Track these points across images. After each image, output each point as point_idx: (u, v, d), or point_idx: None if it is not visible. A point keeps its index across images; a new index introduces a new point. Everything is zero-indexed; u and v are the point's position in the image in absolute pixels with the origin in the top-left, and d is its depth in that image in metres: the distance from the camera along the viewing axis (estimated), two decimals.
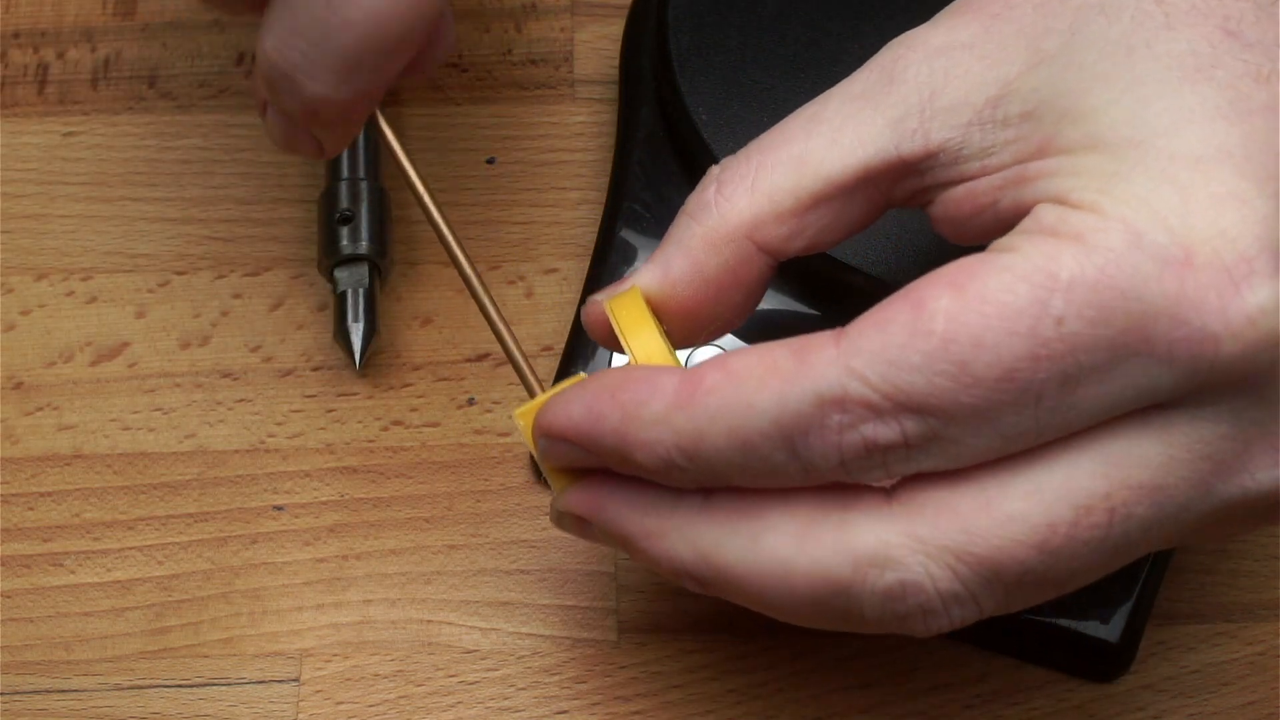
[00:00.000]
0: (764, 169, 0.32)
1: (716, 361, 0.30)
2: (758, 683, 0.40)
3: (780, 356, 0.29)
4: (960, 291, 0.28)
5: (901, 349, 0.28)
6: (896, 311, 0.28)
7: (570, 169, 0.47)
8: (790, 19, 0.42)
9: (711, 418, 0.29)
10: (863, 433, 0.28)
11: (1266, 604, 0.41)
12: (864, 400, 0.28)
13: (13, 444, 0.43)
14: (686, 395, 0.30)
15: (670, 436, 0.30)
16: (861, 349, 0.28)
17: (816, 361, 0.28)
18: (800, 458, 0.29)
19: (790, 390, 0.28)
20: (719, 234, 0.33)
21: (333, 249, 0.44)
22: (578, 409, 0.31)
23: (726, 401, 0.29)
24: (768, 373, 0.29)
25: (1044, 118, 0.30)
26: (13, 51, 0.49)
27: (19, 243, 0.46)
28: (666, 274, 0.33)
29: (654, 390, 0.30)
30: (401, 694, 0.40)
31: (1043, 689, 0.40)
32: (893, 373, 0.28)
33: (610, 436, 0.31)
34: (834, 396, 0.28)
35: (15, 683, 0.40)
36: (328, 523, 0.42)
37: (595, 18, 0.49)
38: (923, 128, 0.31)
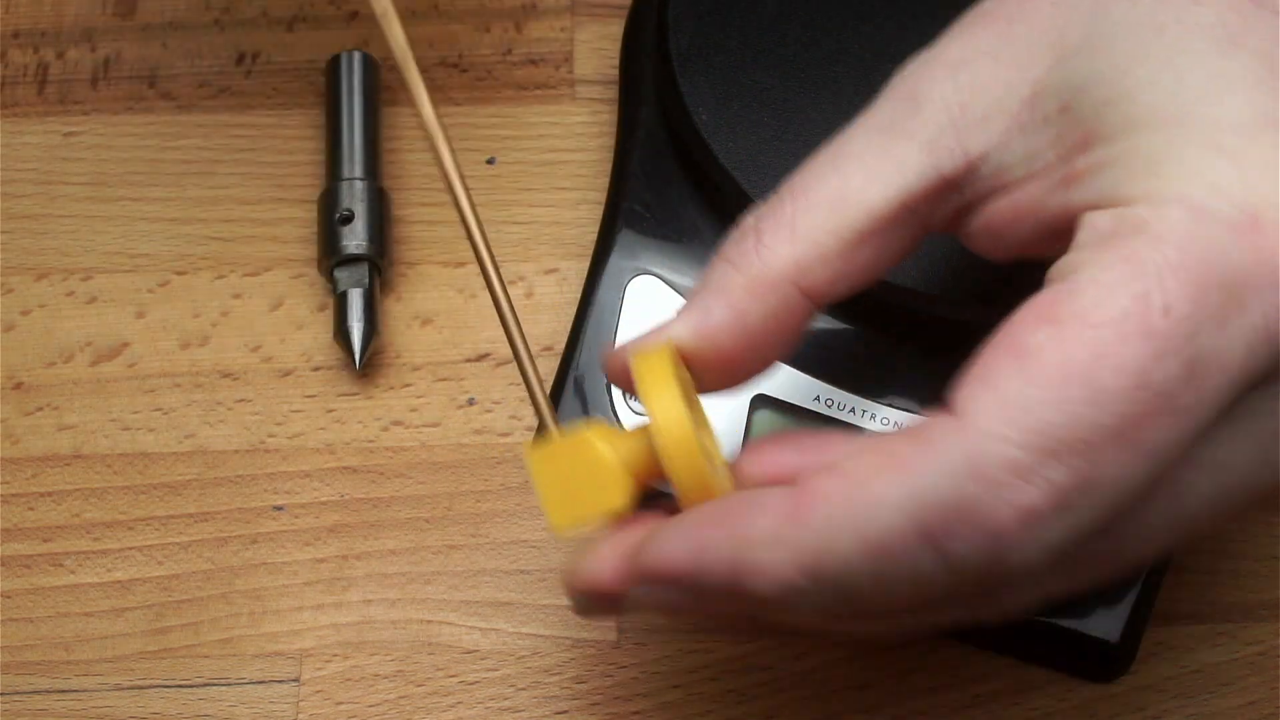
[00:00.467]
0: (802, 212, 0.31)
1: (825, 468, 0.27)
2: (758, 683, 0.40)
3: (896, 445, 0.27)
4: (1055, 321, 0.26)
5: (1023, 393, 0.26)
6: (1001, 365, 0.26)
7: (570, 169, 0.47)
8: (790, 19, 0.42)
9: (833, 524, 0.27)
10: (1014, 504, 0.26)
11: (1266, 604, 0.41)
12: (1005, 461, 0.26)
13: (13, 444, 0.43)
14: (799, 506, 0.27)
15: (789, 555, 0.27)
16: (983, 411, 0.26)
17: (939, 438, 0.26)
18: (945, 552, 0.26)
19: (920, 477, 0.26)
20: (763, 282, 0.31)
21: (333, 249, 0.44)
22: (680, 546, 0.28)
23: (848, 505, 0.27)
24: (887, 464, 0.27)
25: (1082, 108, 0.29)
26: (13, 51, 0.49)
27: (19, 243, 0.46)
28: (705, 322, 0.31)
29: (763, 509, 0.28)
30: (401, 694, 0.40)
31: (1043, 689, 0.40)
32: (1026, 418, 0.26)
33: (721, 570, 0.28)
34: (971, 468, 0.26)
35: (15, 683, 0.40)
36: (328, 523, 0.42)
37: (595, 18, 0.49)
38: (960, 144, 0.30)
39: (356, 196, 0.44)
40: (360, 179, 0.45)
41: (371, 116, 0.46)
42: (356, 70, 0.46)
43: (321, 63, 0.48)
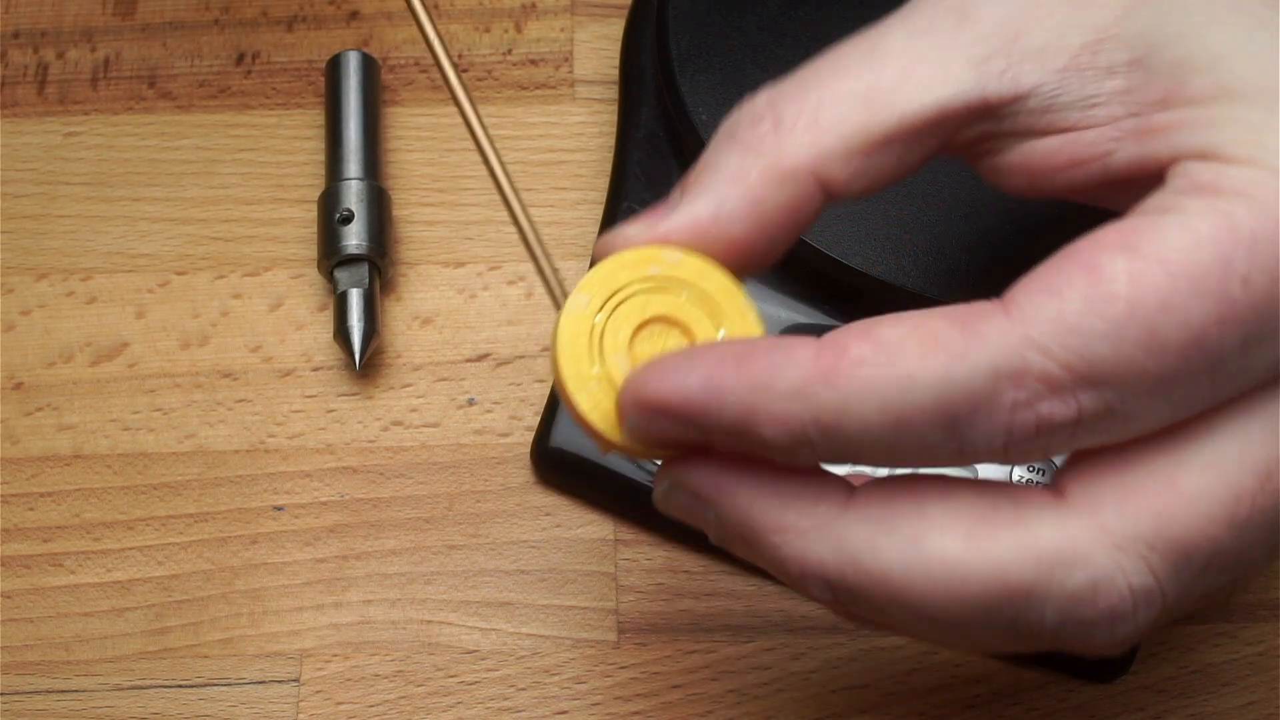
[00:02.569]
0: (829, 103, 0.29)
1: (858, 331, 0.27)
2: (758, 683, 0.40)
3: (941, 327, 0.26)
4: (1137, 253, 0.26)
5: (1083, 316, 0.25)
6: (1069, 276, 0.26)
7: (570, 169, 0.47)
8: (790, 19, 0.42)
9: (861, 392, 0.26)
10: (1038, 410, 0.26)
11: (1266, 604, 0.41)
12: (1044, 374, 0.25)
13: (13, 444, 0.43)
14: (830, 366, 0.26)
15: (808, 411, 0.26)
16: (1038, 317, 0.26)
17: (988, 332, 0.26)
18: (959, 437, 0.26)
19: (959, 364, 0.26)
20: (781, 169, 0.29)
21: (333, 249, 0.44)
22: (693, 380, 0.27)
23: (881, 375, 0.26)
24: (928, 344, 0.26)
25: (1157, 66, 0.28)
26: (13, 51, 0.49)
27: (19, 243, 0.46)
28: (719, 209, 0.30)
29: (789, 359, 0.27)
30: (401, 694, 0.40)
31: (1043, 689, 0.40)
32: (1077, 342, 0.25)
33: (733, 410, 0.27)
34: (1011, 370, 0.26)
35: (15, 683, 0.40)
36: (328, 523, 0.42)
37: (595, 18, 0.49)
38: (1012, 69, 0.29)
39: (356, 196, 0.44)
40: (360, 179, 0.45)
41: (371, 116, 0.46)
42: (356, 70, 0.46)
43: (321, 63, 0.48)
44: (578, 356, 0.30)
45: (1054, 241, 0.39)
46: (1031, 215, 0.39)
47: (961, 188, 0.40)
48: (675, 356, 0.28)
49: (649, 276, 0.30)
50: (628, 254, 0.30)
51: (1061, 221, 0.39)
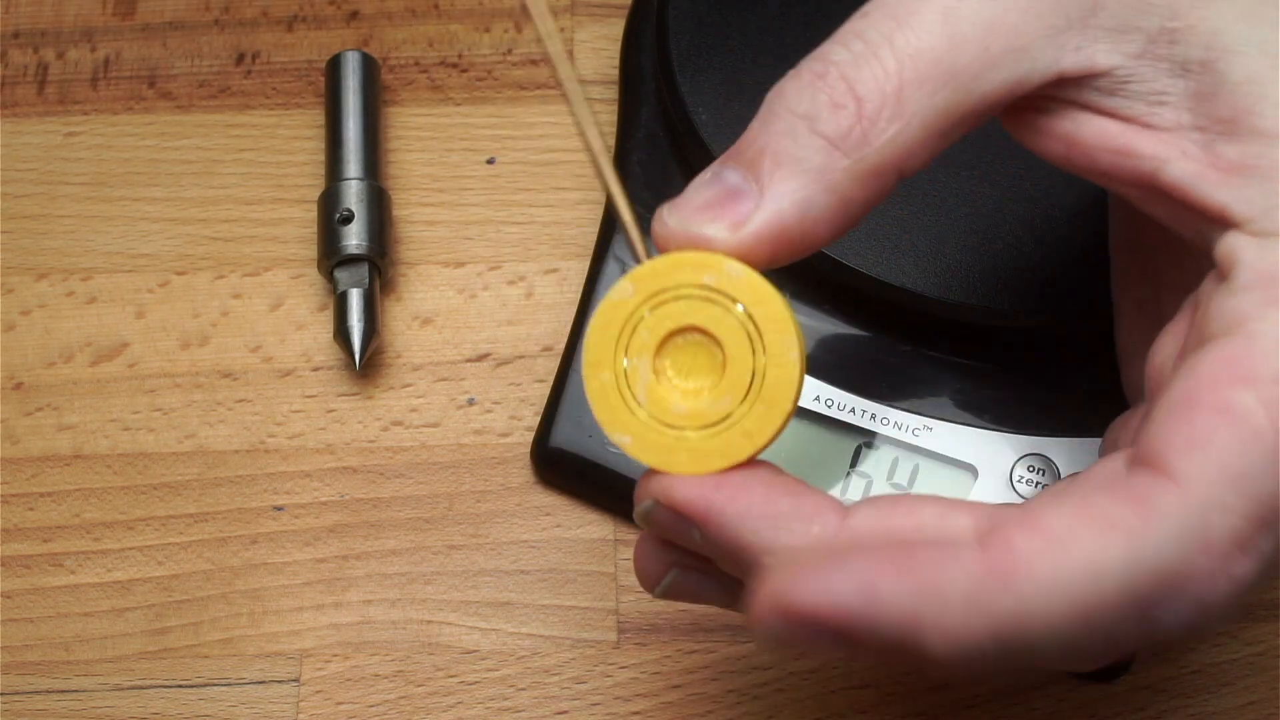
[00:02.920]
0: (912, 84, 0.27)
1: (1019, 523, 0.25)
2: (758, 683, 0.40)
3: (1109, 506, 0.25)
4: (1257, 381, 0.25)
5: (1243, 459, 0.25)
6: (1210, 425, 0.25)
7: (570, 169, 0.47)
8: (790, 19, 0.42)
9: (1043, 591, 0.24)
10: (1230, 573, 0.25)
11: (1266, 604, 0.41)
12: (1230, 531, 0.25)
13: (13, 444, 0.43)
14: (1004, 568, 0.25)
15: (984, 620, 0.25)
16: (1204, 477, 0.25)
17: (1163, 503, 0.25)
18: (1151, 620, 0.25)
19: (1144, 545, 0.24)
20: (868, 167, 0.28)
21: (333, 249, 0.44)
22: (849, 587, 0.25)
23: (1060, 571, 0.24)
24: (1104, 529, 0.25)
25: (1229, 75, 0.27)
26: (13, 51, 0.49)
27: (19, 243, 0.46)
28: (806, 211, 0.28)
29: (955, 563, 0.25)
30: (401, 694, 0.40)
31: (1043, 689, 0.40)
32: (1250, 487, 0.25)
33: (895, 622, 0.25)
34: (1198, 539, 0.24)
35: (15, 683, 0.40)
36: (328, 523, 0.42)
37: (595, 18, 0.49)
38: (1089, 47, 0.28)
39: (356, 196, 0.44)
40: (360, 179, 0.45)
41: (371, 116, 0.46)
42: (356, 70, 0.46)
43: (321, 63, 0.48)
44: (604, 344, 0.29)
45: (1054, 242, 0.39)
46: (1032, 215, 0.39)
47: (962, 188, 0.40)
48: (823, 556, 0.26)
49: (702, 284, 0.29)
50: (688, 255, 0.29)
51: (1062, 222, 0.39)
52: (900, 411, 0.40)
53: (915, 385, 0.40)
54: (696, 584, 0.31)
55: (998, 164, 0.40)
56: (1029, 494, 0.39)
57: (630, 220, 0.31)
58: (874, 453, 0.40)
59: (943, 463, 0.40)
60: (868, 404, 0.40)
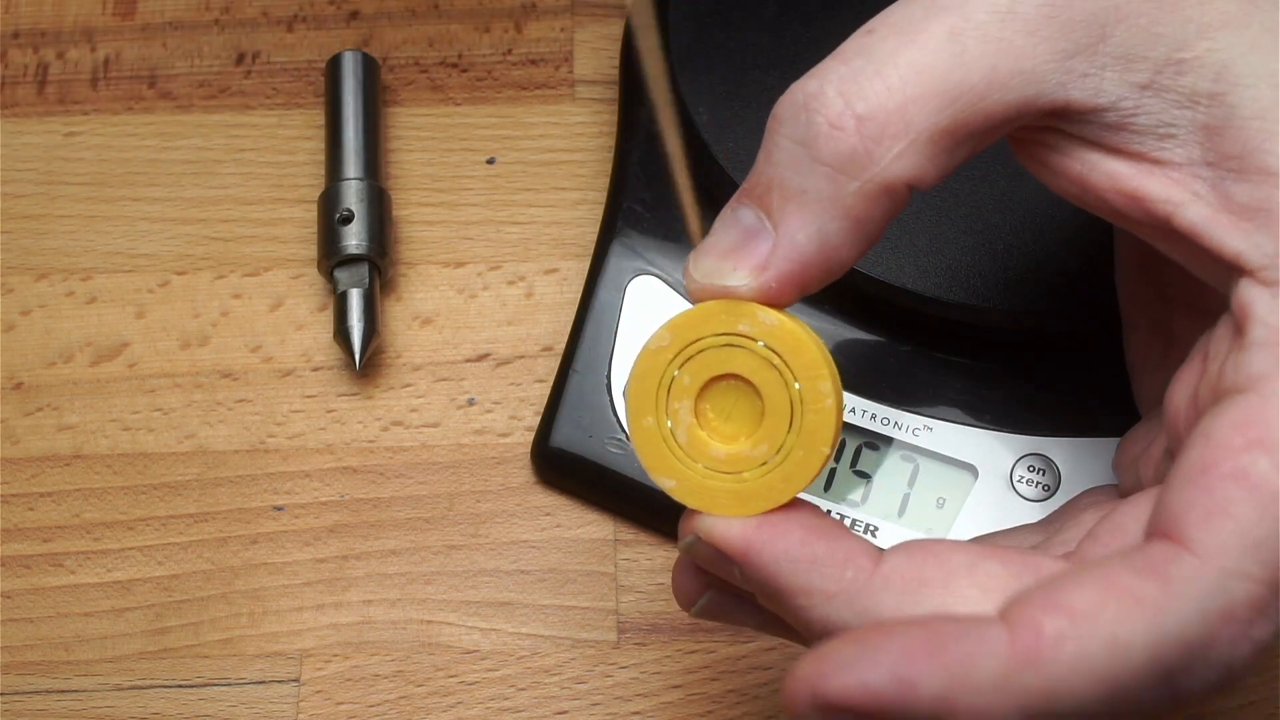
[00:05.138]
0: (915, 103, 0.27)
1: (1043, 604, 0.26)
2: (758, 683, 0.40)
3: (1131, 581, 0.25)
4: (1269, 445, 0.25)
5: (1261, 524, 0.25)
6: (1227, 493, 0.25)
7: (570, 169, 0.47)
8: (790, 19, 0.42)
9: (1070, 670, 0.25)
10: (1252, 637, 0.25)
11: None
12: (1251, 598, 0.25)
13: (13, 444, 0.43)
14: (1030, 648, 0.25)
15: (1014, 700, 0.25)
16: (1224, 546, 0.25)
17: (1185, 576, 0.25)
18: (1176, 686, 0.25)
19: (1167, 618, 0.25)
20: (878, 185, 0.27)
21: (333, 249, 0.44)
22: (879, 675, 0.25)
23: (1088, 648, 0.25)
24: (1126, 604, 0.25)
25: (1238, 110, 0.27)
26: (13, 51, 0.49)
27: (19, 243, 0.46)
28: (824, 241, 0.28)
29: (983, 645, 0.25)
30: (401, 694, 0.40)
31: None
32: (1268, 554, 0.25)
33: (928, 707, 0.25)
34: (1220, 609, 0.25)
35: (15, 683, 0.40)
36: (328, 523, 0.42)
37: (595, 18, 0.49)
38: (1096, 74, 0.27)
39: (356, 196, 0.44)
40: (360, 179, 0.45)
41: (371, 116, 0.46)
42: (356, 70, 0.46)
43: (321, 63, 0.48)
44: (646, 391, 0.30)
45: (1054, 242, 0.39)
46: (1032, 217, 0.39)
47: (962, 188, 0.40)
48: (849, 645, 0.26)
49: (737, 332, 0.29)
50: (723, 303, 0.29)
51: (1063, 223, 0.39)
52: (900, 411, 0.40)
53: (915, 385, 0.40)
54: (732, 606, 0.31)
55: (998, 164, 0.40)
56: (1029, 494, 0.39)
57: None
58: (874, 453, 0.40)
59: (943, 462, 0.40)
60: (868, 404, 0.40)
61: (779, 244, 0.28)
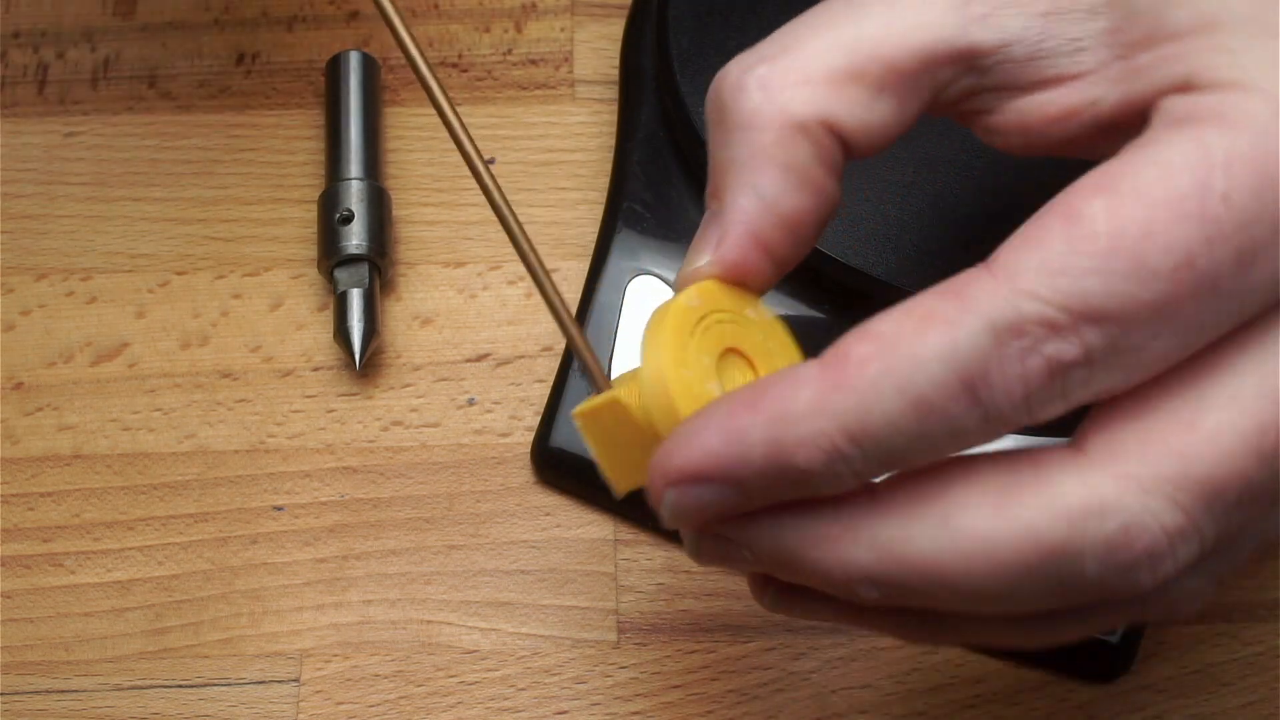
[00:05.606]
0: (813, 55, 0.29)
1: (855, 334, 0.27)
2: (758, 683, 0.40)
3: (931, 302, 0.27)
4: (1114, 192, 0.26)
5: (1067, 256, 0.26)
6: (1048, 225, 0.26)
7: (570, 169, 0.47)
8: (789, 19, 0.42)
9: (876, 386, 0.26)
10: (1044, 353, 0.26)
11: (1266, 604, 0.41)
12: (1041, 318, 0.26)
13: (13, 444, 0.43)
14: (838, 374, 0.27)
15: (832, 422, 0.26)
16: (1024, 268, 0.26)
17: (978, 294, 0.26)
18: (982, 402, 0.26)
19: (959, 330, 0.26)
20: (790, 127, 0.29)
21: (333, 249, 0.44)
22: (712, 436, 0.27)
23: (888, 365, 0.26)
24: (924, 322, 0.26)
25: (1137, 3, 0.28)
26: (13, 51, 0.49)
27: (19, 243, 0.46)
28: (761, 196, 0.29)
29: (797, 383, 0.27)
30: (401, 694, 0.40)
31: (1043, 689, 0.40)
32: (1065, 283, 0.26)
33: (760, 450, 0.27)
34: (1009, 322, 0.26)
35: (15, 683, 0.40)
36: (328, 523, 0.42)
37: (595, 18, 0.49)
38: (995, 14, 0.29)
39: (356, 196, 0.44)
40: (360, 179, 0.45)
41: (371, 116, 0.46)
42: (356, 70, 0.46)
43: (321, 63, 0.48)
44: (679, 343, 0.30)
45: None
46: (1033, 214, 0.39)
47: (960, 187, 0.40)
48: (686, 423, 0.28)
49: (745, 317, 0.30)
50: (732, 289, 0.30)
51: None
52: None
53: None
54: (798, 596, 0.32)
55: (999, 164, 0.40)
56: None
57: (585, 350, 0.32)
58: None
59: None
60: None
61: (724, 215, 0.30)
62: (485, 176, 0.33)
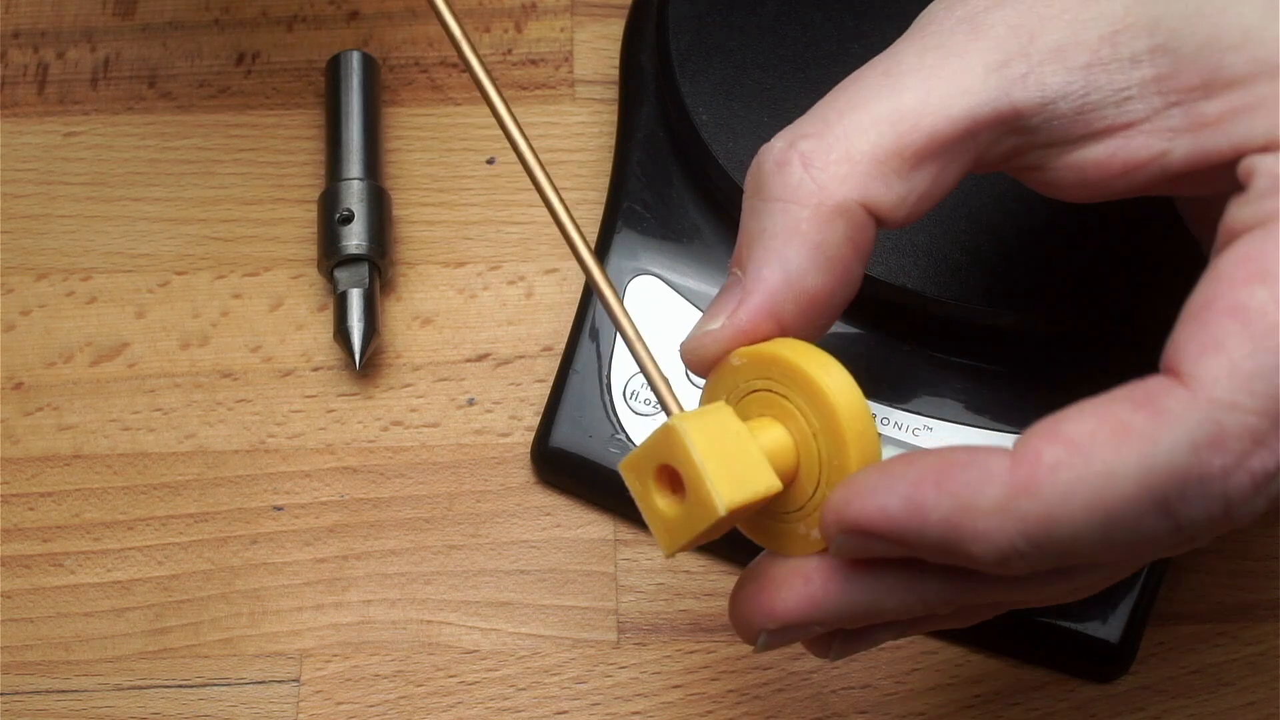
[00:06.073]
0: (855, 132, 0.29)
1: (1045, 433, 0.27)
2: (758, 683, 0.40)
3: (1126, 414, 0.26)
4: (1271, 278, 0.26)
5: (1256, 358, 0.25)
6: (1223, 327, 0.26)
7: (570, 169, 0.47)
8: (790, 19, 0.42)
9: (1064, 495, 0.26)
10: (1249, 468, 0.26)
11: (1266, 604, 0.41)
12: (1244, 429, 0.25)
13: (13, 444, 0.43)
14: (1028, 475, 0.26)
15: (1015, 525, 0.26)
16: (1214, 377, 0.26)
17: (1173, 407, 0.26)
18: (1176, 517, 0.26)
19: (1157, 448, 0.26)
20: (828, 207, 0.29)
21: (333, 249, 0.44)
22: (893, 500, 0.27)
23: (1080, 475, 0.26)
24: (1119, 434, 0.26)
25: (1184, 49, 0.28)
26: (13, 51, 0.49)
27: (19, 243, 0.46)
28: (788, 272, 0.29)
29: (987, 474, 0.27)
30: (401, 694, 0.40)
31: (1043, 689, 0.40)
32: (1262, 385, 0.25)
33: (938, 529, 0.27)
34: (1210, 437, 0.25)
35: (15, 683, 0.40)
36: (328, 523, 0.42)
37: (595, 18, 0.49)
38: (1034, 72, 0.29)
39: (356, 196, 0.44)
40: (360, 179, 0.45)
41: (371, 116, 0.46)
42: (356, 70, 0.46)
43: (321, 63, 0.48)
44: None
45: (1055, 242, 0.39)
46: (1033, 214, 0.39)
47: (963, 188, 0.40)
48: (872, 475, 0.28)
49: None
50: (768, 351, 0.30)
51: (1063, 222, 0.39)
52: (901, 411, 0.40)
53: (916, 385, 0.40)
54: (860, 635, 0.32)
55: None
56: None
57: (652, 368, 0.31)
58: None
59: None
60: (871, 405, 0.40)
61: (746, 282, 0.30)
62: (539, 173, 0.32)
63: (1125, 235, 0.39)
